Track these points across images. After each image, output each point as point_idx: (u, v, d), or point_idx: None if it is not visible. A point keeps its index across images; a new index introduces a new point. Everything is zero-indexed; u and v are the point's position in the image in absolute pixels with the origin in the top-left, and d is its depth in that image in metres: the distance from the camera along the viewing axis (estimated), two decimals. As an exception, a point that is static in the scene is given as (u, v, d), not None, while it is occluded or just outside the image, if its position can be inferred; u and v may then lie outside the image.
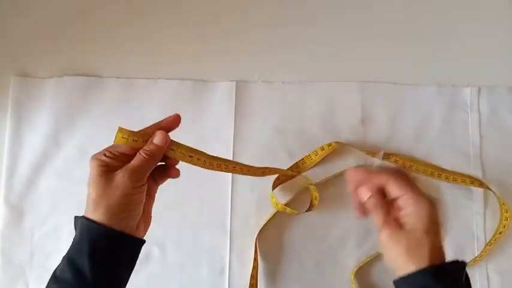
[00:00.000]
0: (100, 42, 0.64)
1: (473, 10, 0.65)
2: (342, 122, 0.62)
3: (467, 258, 0.60)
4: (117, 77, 0.63)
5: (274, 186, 0.60)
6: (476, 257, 0.59)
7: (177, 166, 0.47)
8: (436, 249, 0.43)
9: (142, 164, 0.42)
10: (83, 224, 0.41)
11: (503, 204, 0.59)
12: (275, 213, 0.60)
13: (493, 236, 0.59)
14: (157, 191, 0.49)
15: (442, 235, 0.44)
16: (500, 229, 0.59)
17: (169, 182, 0.61)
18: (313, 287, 0.60)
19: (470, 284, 0.44)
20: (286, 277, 0.60)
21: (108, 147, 0.44)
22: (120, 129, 0.42)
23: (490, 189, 0.60)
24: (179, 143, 0.45)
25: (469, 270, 0.59)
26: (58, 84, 0.63)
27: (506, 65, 0.64)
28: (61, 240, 0.60)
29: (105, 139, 0.63)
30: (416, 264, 0.41)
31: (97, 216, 0.40)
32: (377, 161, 0.61)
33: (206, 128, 0.62)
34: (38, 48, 0.64)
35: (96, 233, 0.40)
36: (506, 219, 0.59)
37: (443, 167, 0.61)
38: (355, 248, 0.60)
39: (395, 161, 0.60)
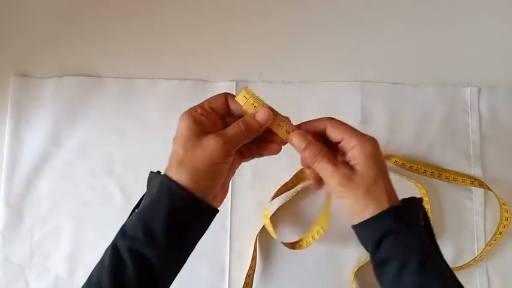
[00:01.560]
0: (100, 42, 0.64)
1: (473, 10, 0.65)
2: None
3: (467, 258, 0.60)
4: (117, 77, 0.63)
5: (273, 197, 0.60)
6: (476, 257, 0.59)
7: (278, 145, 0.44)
8: (391, 190, 0.41)
9: (237, 136, 0.40)
10: (163, 183, 0.38)
11: (503, 204, 0.59)
12: (275, 213, 0.60)
13: (493, 236, 0.59)
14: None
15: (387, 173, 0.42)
16: (500, 229, 0.59)
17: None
18: (313, 287, 0.60)
19: (428, 218, 0.42)
20: (286, 277, 0.60)
21: (201, 103, 0.41)
22: (246, 89, 0.41)
23: (490, 189, 0.60)
24: (287, 121, 0.42)
25: (469, 270, 0.60)
26: (58, 84, 0.63)
27: (506, 65, 0.64)
28: (61, 240, 0.60)
29: (105, 139, 0.64)
30: (376, 207, 0.40)
31: (181, 178, 0.38)
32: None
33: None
34: (38, 48, 0.64)
35: (178, 196, 0.38)
36: (507, 220, 0.59)
37: (444, 167, 0.61)
38: (355, 248, 0.60)
39: (395, 161, 0.60)
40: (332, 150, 0.42)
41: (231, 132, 0.39)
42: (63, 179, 0.61)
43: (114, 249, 0.38)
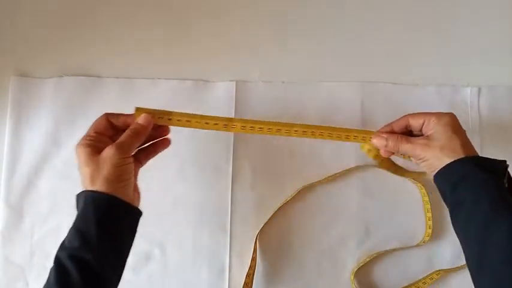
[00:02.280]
0: (100, 42, 0.64)
1: (473, 10, 0.65)
2: (342, 122, 0.62)
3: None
4: (117, 77, 0.63)
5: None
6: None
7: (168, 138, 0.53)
8: (468, 146, 0.48)
9: (128, 139, 0.46)
10: (87, 196, 0.44)
11: None
12: (275, 213, 0.60)
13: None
14: (158, 191, 0.54)
15: (468, 139, 0.49)
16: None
17: (170, 181, 0.61)
18: (313, 287, 0.60)
19: None
20: (286, 277, 0.60)
21: (87, 132, 0.48)
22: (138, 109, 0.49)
23: None
24: (176, 112, 0.50)
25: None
26: (58, 84, 0.62)
27: (506, 65, 0.64)
28: (61, 240, 0.60)
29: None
30: (452, 158, 0.46)
31: (97, 187, 0.44)
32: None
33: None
34: (38, 48, 0.64)
35: (100, 201, 0.44)
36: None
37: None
38: (355, 248, 0.61)
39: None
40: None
41: (122, 138, 0.46)
42: (63, 179, 0.61)
43: (56, 262, 0.42)
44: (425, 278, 0.60)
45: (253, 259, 0.59)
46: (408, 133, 0.51)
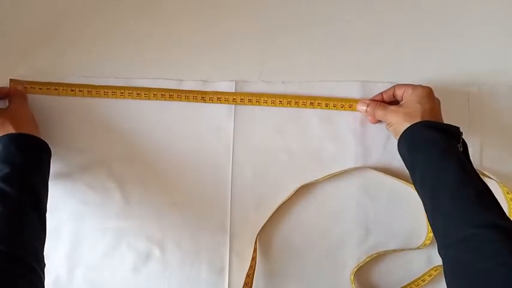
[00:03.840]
0: (100, 42, 0.63)
1: (474, 10, 0.65)
2: (342, 122, 0.62)
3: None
4: (116, 77, 0.62)
5: None
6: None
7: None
8: (429, 113, 0.53)
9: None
10: (4, 138, 0.53)
11: (507, 193, 0.60)
12: (275, 213, 0.60)
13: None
14: (158, 190, 0.58)
15: (438, 110, 0.55)
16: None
17: (169, 181, 0.61)
18: (313, 287, 0.60)
19: (467, 147, 0.52)
20: (286, 277, 0.61)
21: None
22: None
23: (491, 177, 0.60)
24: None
25: None
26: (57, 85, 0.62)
27: (507, 64, 0.64)
28: (61, 240, 0.60)
29: (104, 138, 0.63)
30: (410, 123, 0.52)
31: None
32: (375, 172, 0.61)
33: (206, 128, 0.62)
34: (36, 49, 0.63)
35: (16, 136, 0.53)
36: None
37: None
38: (355, 248, 0.61)
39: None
40: None
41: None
42: (62, 178, 0.61)
43: None
44: (423, 275, 0.60)
45: (253, 259, 0.59)
46: (396, 102, 0.58)
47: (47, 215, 0.51)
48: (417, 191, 0.52)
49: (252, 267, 0.59)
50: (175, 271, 0.60)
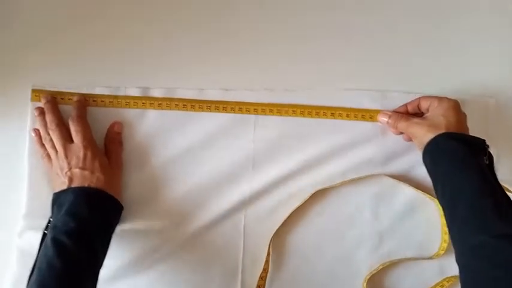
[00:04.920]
0: (121, 52, 0.62)
1: (494, 20, 0.64)
2: (362, 131, 0.62)
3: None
4: (138, 87, 0.61)
5: None
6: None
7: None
8: (454, 125, 0.53)
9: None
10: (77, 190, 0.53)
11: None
12: (289, 217, 0.60)
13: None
14: (175, 192, 0.60)
15: (464, 123, 0.55)
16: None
17: (188, 187, 0.61)
18: (325, 293, 0.60)
19: (492, 161, 0.52)
20: (298, 281, 0.61)
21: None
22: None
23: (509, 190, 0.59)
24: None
25: None
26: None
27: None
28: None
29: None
30: (434, 134, 0.52)
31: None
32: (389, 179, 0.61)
33: (225, 137, 0.62)
34: (58, 59, 0.62)
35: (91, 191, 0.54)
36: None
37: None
38: (369, 255, 0.60)
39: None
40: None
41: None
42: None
43: (52, 241, 0.48)
44: (435, 286, 0.60)
45: (267, 262, 0.59)
46: (421, 114, 0.58)
47: None
48: (439, 202, 0.52)
49: (266, 270, 0.59)
50: (188, 270, 0.60)
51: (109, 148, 0.59)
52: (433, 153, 0.52)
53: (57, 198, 0.53)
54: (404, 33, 0.64)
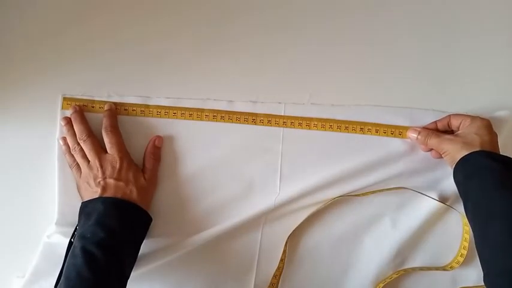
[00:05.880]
0: (150, 61, 0.62)
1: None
2: (390, 147, 0.61)
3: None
4: (167, 97, 0.61)
5: None
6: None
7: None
8: (488, 144, 0.53)
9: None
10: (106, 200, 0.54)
11: None
12: (308, 219, 0.61)
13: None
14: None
15: (496, 143, 0.55)
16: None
17: (215, 198, 0.61)
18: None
19: None
20: (310, 283, 0.62)
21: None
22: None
23: None
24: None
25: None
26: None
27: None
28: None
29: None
30: (469, 151, 0.52)
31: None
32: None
33: (254, 149, 0.62)
34: (89, 67, 0.61)
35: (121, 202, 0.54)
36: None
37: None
38: (384, 264, 0.61)
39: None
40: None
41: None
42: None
43: (82, 250, 0.49)
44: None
45: (282, 261, 0.60)
46: (450, 131, 0.58)
47: None
48: (468, 219, 0.52)
49: (280, 269, 0.60)
50: (204, 267, 0.61)
51: (147, 161, 0.59)
52: (466, 169, 0.52)
53: (85, 207, 0.54)
54: (435, 51, 0.63)
